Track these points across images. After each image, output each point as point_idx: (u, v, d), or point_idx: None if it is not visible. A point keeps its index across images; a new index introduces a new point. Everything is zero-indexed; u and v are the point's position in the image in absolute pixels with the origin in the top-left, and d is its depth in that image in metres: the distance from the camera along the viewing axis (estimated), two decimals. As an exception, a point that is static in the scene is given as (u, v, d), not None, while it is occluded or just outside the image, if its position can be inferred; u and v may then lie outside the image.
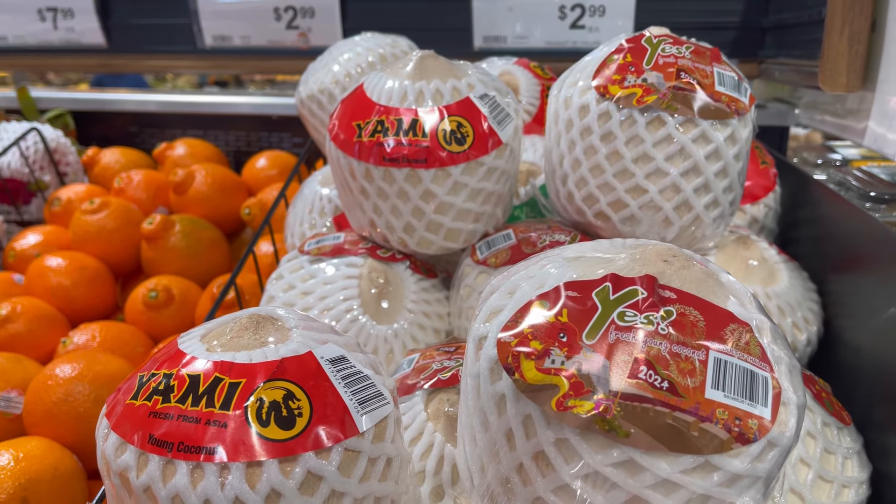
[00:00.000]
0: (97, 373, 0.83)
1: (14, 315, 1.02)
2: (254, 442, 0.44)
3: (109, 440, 0.47)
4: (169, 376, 0.47)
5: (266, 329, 0.51)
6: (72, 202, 1.31)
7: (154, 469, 0.44)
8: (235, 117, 1.59)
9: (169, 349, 0.50)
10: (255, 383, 0.46)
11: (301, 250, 0.89)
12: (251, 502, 0.43)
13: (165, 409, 0.46)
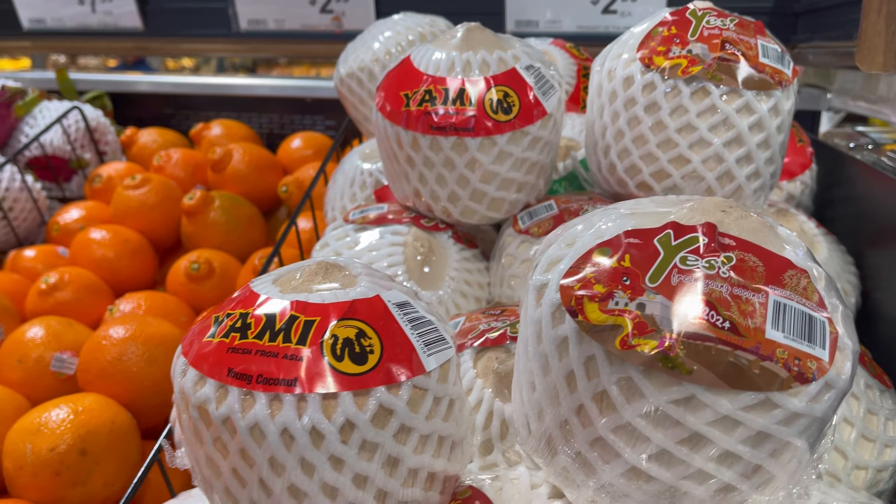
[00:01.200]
0: (149, 335, 0.86)
1: (62, 283, 1.05)
2: (329, 375, 0.46)
3: (188, 375, 0.49)
4: (245, 315, 0.49)
5: (334, 275, 0.53)
6: (112, 179, 1.34)
7: (233, 401, 0.46)
8: (269, 99, 1.61)
9: (243, 292, 0.52)
10: (328, 321, 0.48)
11: (346, 219, 0.91)
12: (327, 432, 0.45)
13: (243, 345, 0.48)
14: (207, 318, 0.52)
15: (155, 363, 0.84)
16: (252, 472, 0.47)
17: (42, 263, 1.17)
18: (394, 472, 0.49)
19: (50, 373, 0.87)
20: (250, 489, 0.48)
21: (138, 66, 4.05)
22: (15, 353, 0.87)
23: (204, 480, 0.52)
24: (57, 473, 0.71)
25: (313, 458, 0.46)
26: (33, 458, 0.71)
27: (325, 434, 0.46)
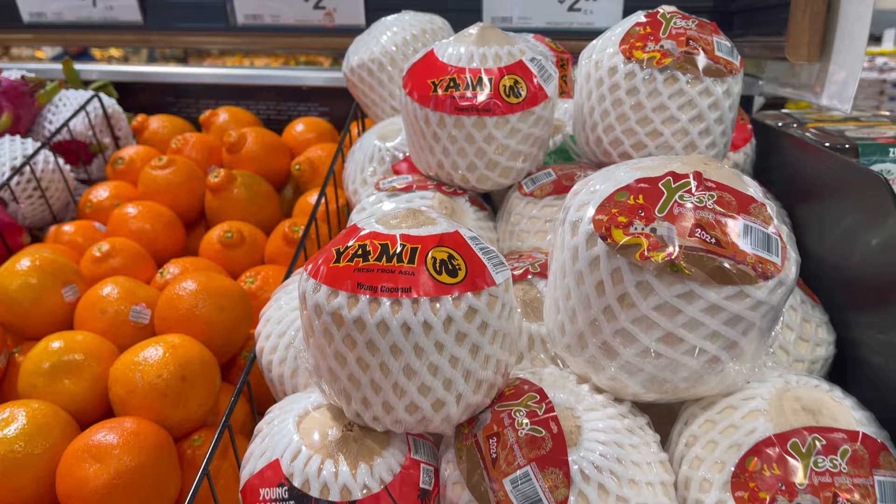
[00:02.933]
0: (216, 287, 1.01)
1: (114, 251, 1.18)
2: (433, 285, 0.64)
3: (321, 291, 0.65)
4: (363, 245, 0.66)
5: (420, 217, 0.70)
6: (134, 161, 1.46)
7: (363, 305, 0.63)
8: (265, 88, 1.75)
9: (354, 231, 0.69)
10: (428, 247, 0.65)
11: (377, 188, 1.08)
12: (434, 324, 0.63)
13: (367, 266, 0.65)
14: (327, 250, 0.69)
15: (224, 310, 0.99)
16: (374, 358, 0.65)
17: (81, 237, 1.29)
18: (475, 357, 0.67)
19: (128, 322, 1.01)
20: (372, 372, 0.65)
21: (82, 56, 4.08)
22: (96, 307, 1.01)
23: (329, 372, 0.68)
24: (164, 395, 0.86)
25: (423, 344, 0.64)
26: (143, 384, 0.86)
27: (433, 326, 0.63)
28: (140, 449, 0.79)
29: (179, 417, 0.87)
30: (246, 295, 1.04)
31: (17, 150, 1.32)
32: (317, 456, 0.68)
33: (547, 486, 0.65)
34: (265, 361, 0.87)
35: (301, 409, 0.74)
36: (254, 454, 0.72)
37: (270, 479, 0.69)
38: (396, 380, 0.65)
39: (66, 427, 0.85)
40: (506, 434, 0.69)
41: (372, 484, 0.68)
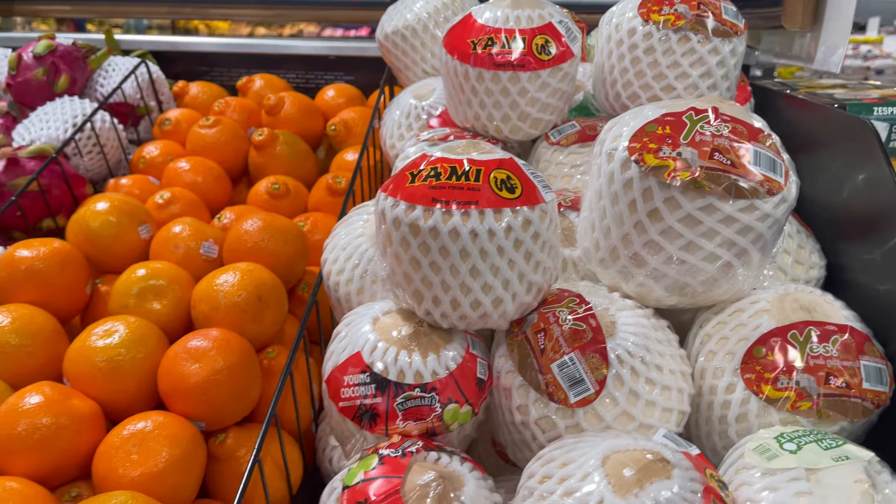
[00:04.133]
0: (279, 225, 1.13)
1: (174, 199, 1.29)
2: (496, 199, 0.76)
3: (399, 207, 0.78)
4: (435, 168, 0.79)
5: (480, 146, 0.83)
6: (180, 122, 1.58)
7: (437, 216, 0.76)
8: (294, 57, 1.86)
9: (423, 158, 0.81)
10: (490, 169, 0.78)
11: (418, 139, 1.20)
12: (497, 231, 0.76)
13: (439, 184, 0.77)
14: (401, 175, 0.81)
15: (287, 244, 1.12)
16: (445, 261, 0.77)
17: (138, 189, 1.40)
18: (528, 262, 0.80)
19: (199, 255, 1.13)
20: (443, 274, 0.78)
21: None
22: (170, 243, 1.13)
23: (404, 277, 0.81)
24: (244, 312, 0.98)
25: (488, 248, 0.76)
26: (225, 301, 0.98)
27: (496, 233, 0.76)
28: (231, 352, 0.92)
29: (256, 332, 0.99)
30: (303, 233, 1.17)
31: (78, 109, 1.43)
32: (392, 348, 0.81)
33: (588, 368, 0.78)
34: (332, 283, 1.00)
35: (374, 314, 0.87)
36: (336, 350, 0.85)
37: (353, 367, 0.82)
38: (464, 280, 0.78)
39: (160, 338, 0.97)
40: (551, 329, 0.81)
41: (440, 370, 0.80)
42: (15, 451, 0.82)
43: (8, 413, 0.84)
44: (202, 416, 0.89)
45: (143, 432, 0.84)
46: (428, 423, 0.80)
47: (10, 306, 0.99)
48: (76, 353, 0.93)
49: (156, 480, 0.80)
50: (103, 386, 0.90)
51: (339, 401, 0.82)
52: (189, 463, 0.84)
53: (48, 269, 1.05)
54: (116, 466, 0.81)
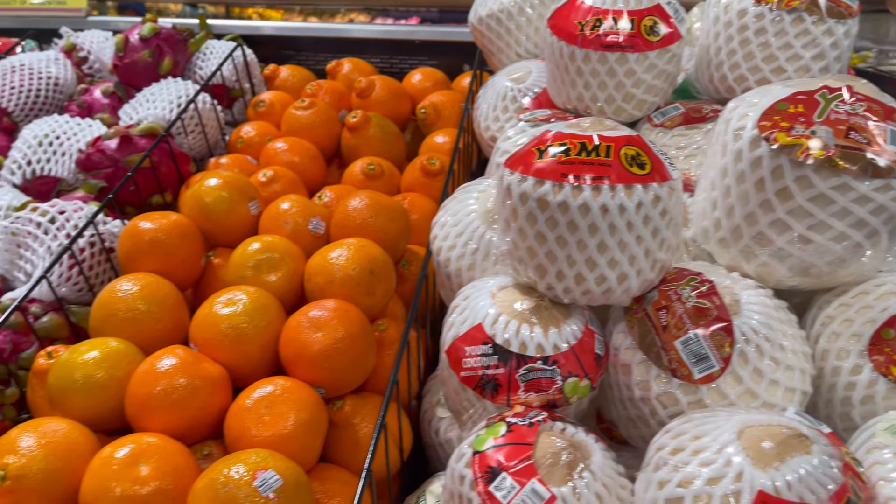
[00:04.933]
0: (384, 203, 1.16)
1: (276, 177, 1.33)
2: (627, 175, 0.77)
3: (527, 182, 0.79)
4: (564, 143, 0.80)
5: (606, 124, 0.83)
6: (273, 104, 1.62)
7: (567, 191, 0.77)
8: (378, 42, 1.89)
9: (547, 133, 0.82)
10: (620, 145, 0.79)
11: (519, 119, 1.21)
12: (628, 207, 0.76)
13: (569, 159, 0.78)
14: (527, 152, 0.82)
15: (393, 222, 1.14)
16: (573, 236, 0.78)
17: (237, 168, 1.45)
18: (655, 238, 0.80)
19: (308, 231, 1.16)
20: (569, 248, 0.79)
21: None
22: (280, 219, 1.16)
23: (528, 252, 0.82)
24: (357, 284, 1.01)
25: (617, 224, 0.77)
26: (341, 274, 1.01)
27: (627, 208, 0.77)
28: (350, 322, 0.95)
29: (367, 305, 1.02)
30: (406, 211, 1.19)
31: (182, 89, 1.49)
32: (514, 321, 0.83)
33: (713, 345, 0.79)
34: (443, 259, 1.02)
35: (492, 288, 0.88)
36: (455, 322, 0.87)
37: (475, 338, 0.84)
38: (591, 255, 0.79)
39: (278, 308, 1.01)
40: (674, 306, 0.82)
41: (561, 344, 0.82)
42: (153, 409, 0.87)
43: (146, 374, 0.89)
44: (323, 382, 0.93)
45: (273, 396, 0.87)
46: (549, 396, 0.81)
47: (137, 275, 1.04)
48: (202, 320, 0.97)
49: (286, 442, 0.84)
50: (229, 352, 0.94)
51: (460, 370, 0.85)
52: (315, 427, 0.87)
53: (169, 240, 1.09)
54: (249, 427, 0.85)
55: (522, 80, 1.35)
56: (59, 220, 1.15)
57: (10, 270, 1.18)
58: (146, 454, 0.80)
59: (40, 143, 1.36)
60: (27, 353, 1.04)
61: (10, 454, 0.79)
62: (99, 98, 1.56)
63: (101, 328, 1.00)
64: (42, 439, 0.81)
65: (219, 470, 0.76)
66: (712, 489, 0.65)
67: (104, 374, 0.91)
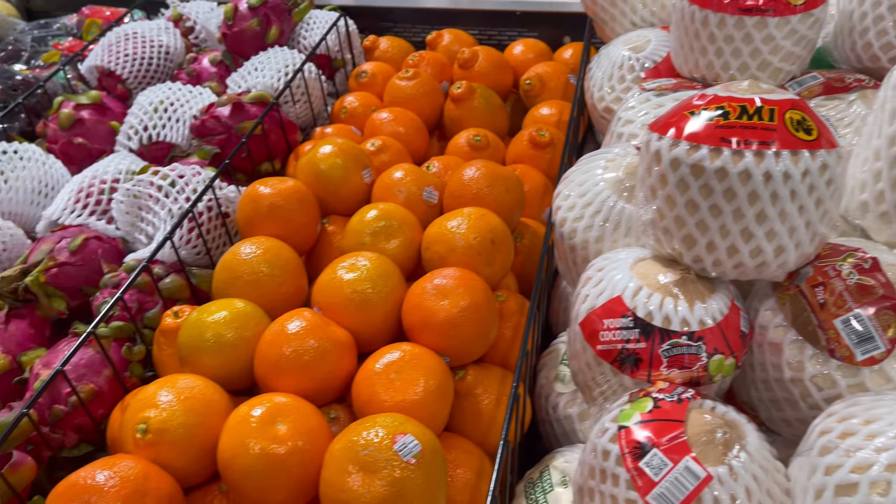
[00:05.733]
0: (500, 172, 1.13)
1: (384, 147, 1.32)
2: (793, 140, 0.72)
3: (680, 147, 0.75)
4: (722, 107, 0.75)
5: (764, 87, 0.78)
6: (375, 74, 1.61)
7: (726, 157, 0.72)
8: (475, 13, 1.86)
9: (703, 98, 0.78)
10: (784, 108, 0.74)
11: (642, 88, 1.17)
12: (793, 174, 0.71)
13: (728, 123, 0.74)
14: (678, 115, 0.78)
15: (509, 192, 1.12)
16: (730, 205, 0.74)
17: (342, 137, 1.44)
18: (818, 209, 0.75)
19: (422, 200, 1.15)
20: (724, 218, 0.75)
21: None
22: (394, 187, 1.15)
23: (675, 221, 0.78)
24: (479, 254, 0.99)
25: (781, 192, 0.72)
26: (462, 243, 0.99)
27: (792, 176, 0.72)
28: (475, 291, 0.93)
29: (487, 275, 1.00)
30: (521, 182, 1.16)
31: (289, 59, 1.49)
32: (657, 294, 0.79)
33: (879, 326, 0.73)
34: (567, 230, 0.99)
35: (629, 260, 0.85)
36: (591, 294, 0.84)
37: (613, 311, 0.80)
38: (747, 225, 0.75)
39: (400, 275, 1.00)
40: (832, 283, 0.77)
41: (707, 319, 0.78)
42: (284, 370, 0.87)
43: (277, 335, 0.89)
44: (448, 350, 0.91)
45: (402, 361, 0.86)
46: (693, 373, 0.78)
47: (259, 238, 1.05)
48: (326, 284, 0.96)
49: (417, 408, 0.83)
50: (353, 316, 0.94)
51: (596, 343, 0.82)
52: (443, 394, 0.86)
53: (288, 206, 1.10)
54: (379, 392, 0.84)
55: (641, 49, 1.30)
56: (178, 184, 1.17)
57: (131, 232, 1.21)
58: (283, 414, 0.80)
59: (155, 109, 1.38)
60: (152, 312, 1.06)
61: (151, 408, 0.80)
62: (207, 67, 1.57)
63: (226, 290, 1.01)
64: (181, 395, 0.82)
65: (357, 432, 0.75)
66: (891, 475, 0.61)
67: (234, 335, 0.91)
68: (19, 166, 1.28)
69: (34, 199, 1.29)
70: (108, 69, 1.53)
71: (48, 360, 0.99)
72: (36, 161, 1.30)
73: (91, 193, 1.24)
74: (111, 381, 0.99)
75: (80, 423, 0.96)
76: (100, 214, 1.24)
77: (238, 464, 0.76)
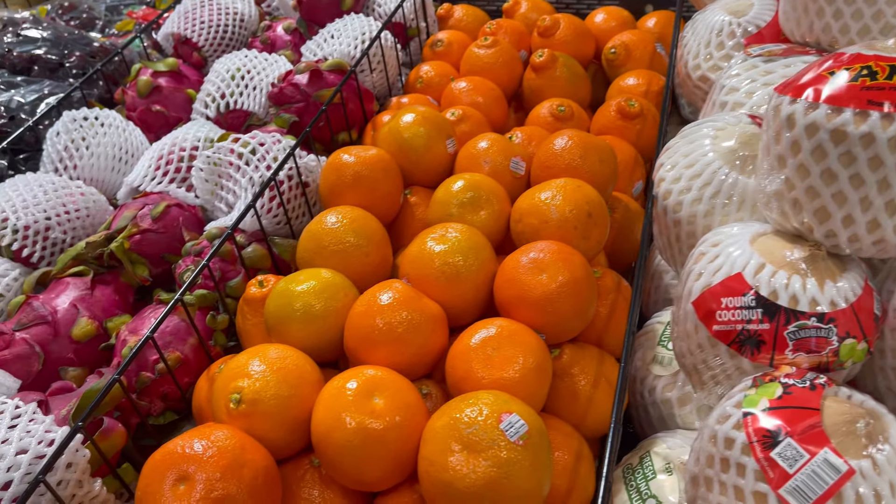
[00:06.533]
0: (593, 142, 1.07)
1: (465, 117, 1.28)
2: (952, 103, 0.65)
3: (818, 110, 0.68)
4: (868, 66, 0.68)
5: None
6: (451, 44, 1.56)
7: (874, 121, 0.65)
8: (553, -19, 1.78)
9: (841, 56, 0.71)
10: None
11: (748, 54, 1.09)
12: (952, 141, 0.64)
13: (877, 84, 0.67)
14: (815, 75, 0.71)
15: (603, 163, 1.06)
16: (874, 175, 0.67)
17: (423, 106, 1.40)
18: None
19: (509, 171, 1.10)
20: (866, 189, 0.68)
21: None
22: (480, 157, 1.10)
23: (806, 193, 0.72)
24: (574, 227, 0.94)
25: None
26: (557, 215, 0.94)
27: (945, 143, 0.65)
28: (574, 265, 0.88)
29: (583, 249, 0.94)
30: (614, 153, 1.10)
31: (365, 26, 1.45)
32: (782, 272, 0.73)
33: None
34: (672, 202, 0.93)
35: (749, 234, 0.79)
36: (706, 271, 0.78)
37: (733, 289, 0.75)
38: (894, 196, 0.68)
39: (490, 248, 0.95)
40: (984, 263, 0.69)
41: (838, 300, 0.71)
42: (377, 343, 0.84)
43: (369, 306, 0.86)
44: (545, 327, 0.87)
45: (499, 337, 0.82)
46: (821, 357, 0.71)
47: (344, 207, 1.02)
48: (416, 256, 0.93)
49: (516, 386, 0.78)
50: (445, 289, 0.90)
51: (712, 324, 0.76)
52: (543, 373, 0.81)
53: (372, 175, 1.06)
54: (476, 369, 0.80)
55: (743, 13, 1.21)
56: (259, 152, 1.15)
57: (211, 200, 1.19)
58: (379, 388, 0.76)
59: (233, 76, 1.36)
60: (234, 281, 1.04)
61: (244, 377, 0.78)
62: (281, 34, 1.55)
63: (311, 259, 0.98)
64: (273, 365, 0.79)
65: (459, 409, 0.72)
66: None
67: (322, 305, 0.89)
68: (100, 133, 1.27)
69: (114, 165, 1.29)
70: (184, 36, 1.52)
71: (134, 326, 0.98)
72: (116, 128, 1.30)
73: (171, 161, 1.23)
74: (196, 350, 0.98)
75: (165, 391, 0.95)
76: (179, 182, 1.23)
77: (334, 438, 0.73)
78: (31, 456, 0.74)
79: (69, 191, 1.16)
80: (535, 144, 1.22)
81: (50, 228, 1.12)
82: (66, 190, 1.16)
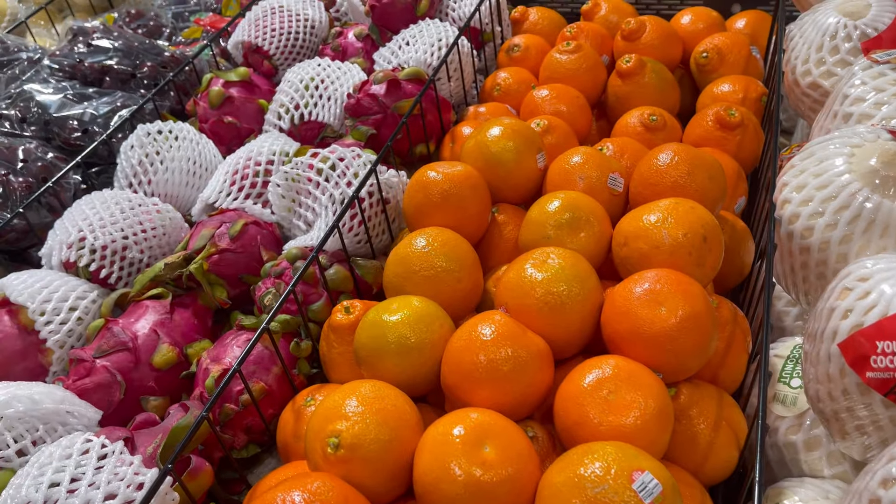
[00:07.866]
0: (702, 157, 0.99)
1: (550, 128, 1.20)
2: None
3: None
4: None
5: None
6: (529, 48, 1.49)
7: None
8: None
9: None
10: None
11: (873, 60, 0.99)
12: None
13: None
14: None
15: (712, 180, 0.97)
16: None
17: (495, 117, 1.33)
18: None
19: (606, 188, 1.02)
20: None
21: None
22: (574, 173, 1.03)
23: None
24: (689, 254, 0.86)
25: None
26: (670, 240, 0.86)
27: None
28: (693, 297, 0.80)
29: (697, 277, 0.86)
30: (723, 170, 1.01)
31: (442, 32, 1.39)
32: (953, 314, 0.64)
33: None
34: (801, 227, 0.84)
35: (903, 268, 0.70)
36: (854, 309, 0.70)
37: (891, 331, 0.66)
38: None
39: (595, 275, 0.88)
40: None
41: None
42: (479, 381, 0.77)
43: (470, 341, 0.79)
44: (663, 366, 0.79)
45: (616, 378, 0.75)
46: None
47: (433, 229, 0.96)
48: (515, 283, 0.86)
49: (637, 434, 0.71)
50: (548, 321, 0.83)
51: (865, 370, 0.67)
52: (664, 418, 0.74)
53: (460, 192, 1.00)
54: (591, 413, 0.73)
55: (860, 15, 1.11)
56: (339, 167, 1.09)
57: (288, 217, 1.15)
58: (489, 434, 0.70)
59: (307, 86, 1.31)
60: (317, 304, 0.99)
61: (341, 419, 0.73)
62: (353, 41, 1.50)
63: (401, 285, 0.92)
64: (371, 406, 0.73)
65: (580, 463, 0.65)
66: None
67: (417, 337, 0.83)
68: (174, 146, 1.24)
69: (188, 180, 1.25)
70: (254, 44, 1.48)
71: (216, 354, 0.94)
72: (190, 141, 1.26)
73: (246, 175, 1.19)
74: (280, 379, 0.93)
75: (249, 424, 0.90)
76: (255, 197, 1.18)
77: (442, 490, 0.67)
78: (120, 501, 0.70)
79: (146, 208, 1.13)
80: (627, 157, 1.14)
81: (127, 248, 1.08)
82: (143, 207, 1.12)
